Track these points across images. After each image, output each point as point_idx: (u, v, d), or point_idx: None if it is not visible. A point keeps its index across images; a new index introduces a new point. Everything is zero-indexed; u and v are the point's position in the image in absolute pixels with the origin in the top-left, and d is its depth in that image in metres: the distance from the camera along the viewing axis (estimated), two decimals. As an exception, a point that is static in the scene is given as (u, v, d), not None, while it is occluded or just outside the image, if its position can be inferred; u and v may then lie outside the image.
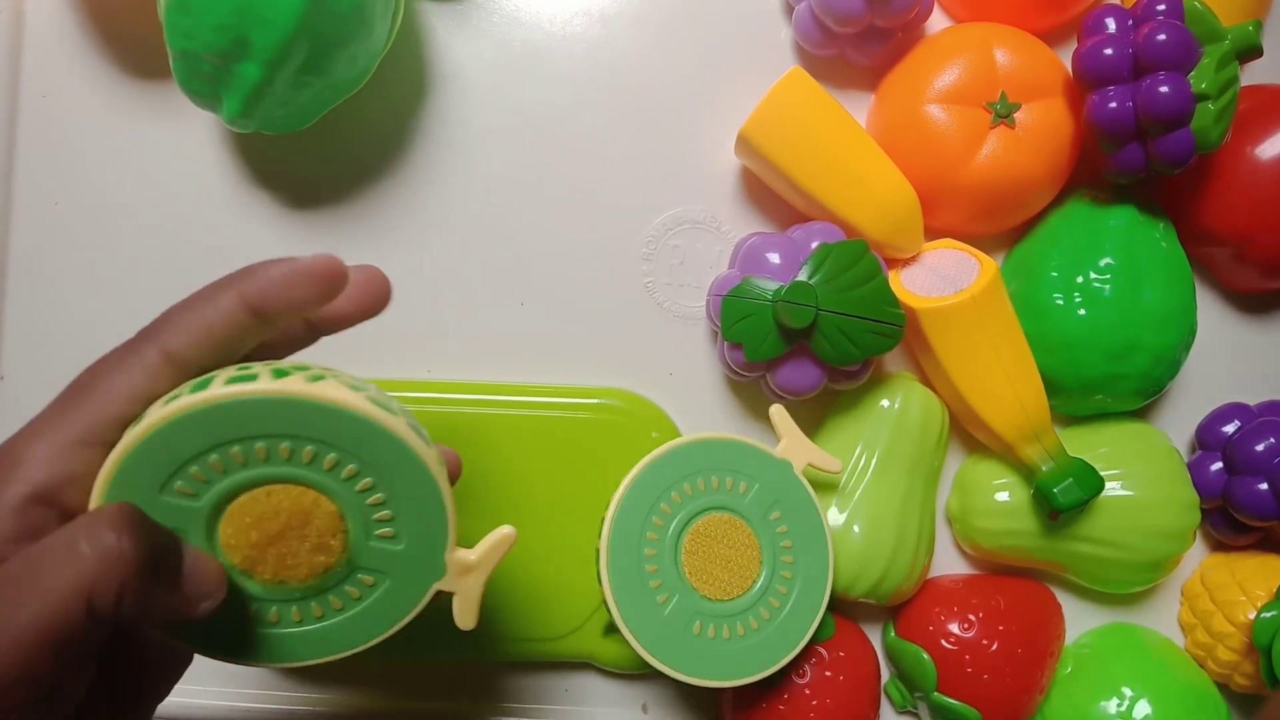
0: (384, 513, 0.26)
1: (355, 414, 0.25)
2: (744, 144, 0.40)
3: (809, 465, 0.38)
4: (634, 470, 0.36)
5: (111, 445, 0.24)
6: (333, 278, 0.26)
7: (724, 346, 0.40)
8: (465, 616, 0.28)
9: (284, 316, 0.25)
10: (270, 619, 0.26)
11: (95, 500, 0.24)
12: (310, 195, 0.44)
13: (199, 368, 0.25)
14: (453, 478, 0.29)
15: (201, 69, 0.36)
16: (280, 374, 0.25)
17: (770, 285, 0.37)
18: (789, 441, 0.37)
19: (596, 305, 0.44)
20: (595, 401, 0.42)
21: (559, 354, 0.44)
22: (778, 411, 0.38)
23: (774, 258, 0.38)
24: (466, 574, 0.27)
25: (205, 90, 0.37)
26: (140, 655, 0.27)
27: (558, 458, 0.41)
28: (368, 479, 0.26)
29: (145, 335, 0.25)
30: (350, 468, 0.25)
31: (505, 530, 0.28)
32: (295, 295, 0.25)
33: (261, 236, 0.43)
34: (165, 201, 0.43)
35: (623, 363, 0.44)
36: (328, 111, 0.39)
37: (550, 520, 0.41)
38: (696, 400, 0.44)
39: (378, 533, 0.26)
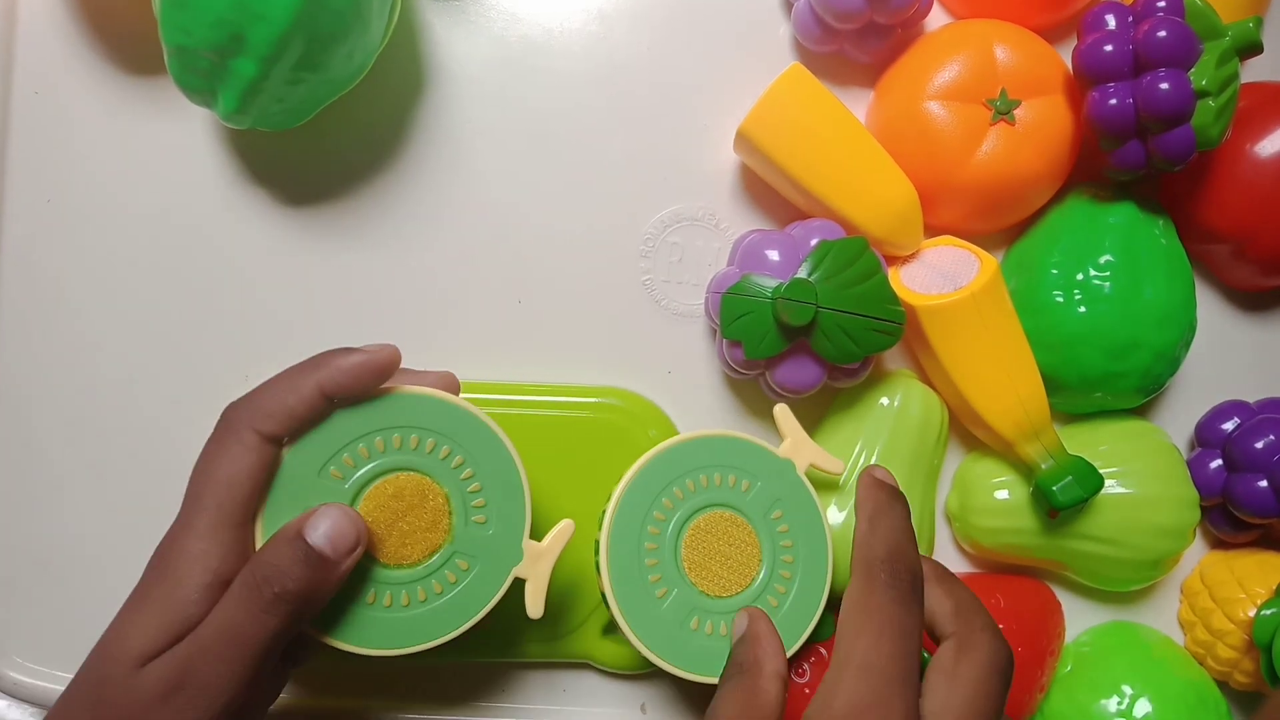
0: (479, 500, 0.33)
1: (463, 410, 0.33)
2: (743, 140, 0.40)
3: (812, 466, 0.37)
4: (636, 464, 0.35)
5: (249, 518, 0.31)
6: (392, 367, 0.32)
7: (723, 344, 0.40)
8: (536, 602, 0.33)
9: (347, 397, 0.32)
10: (385, 603, 0.33)
11: (276, 481, 0.32)
12: (306, 192, 0.43)
13: (283, 438, 0.31)
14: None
15: (197, 65, 0.35)
16: None
17: (769, 282, 0.37)
18: (792, 441, 0.37)
19: (594, 303, 0.44)
20: (593, 400, 0.42)
21: (556, 352, 0.44)
22: (782, 411, 0.37)
23: (773, 255, 0.38)
24: (537, 561, 0.33)
25: (201, 86, 0.36)
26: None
27: (555, 457, 0.41)
28: (469, 469, 0.33)
29: (241, 420, 0.31)
30: (459, 458, 0.33)
31: (566, 523, 0.34)
32: (363, 384, 0.31)
33: (257, 234, 0.43)
34: (160, 199, 0.43)
35: (621, 361, 0.44)
36: (324, 108, 0.39)
37: (548, 520, 0.41)
38: (695, 398, 0.44)
39: (474, 518, 0.33)
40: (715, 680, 0.35)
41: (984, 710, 0.28)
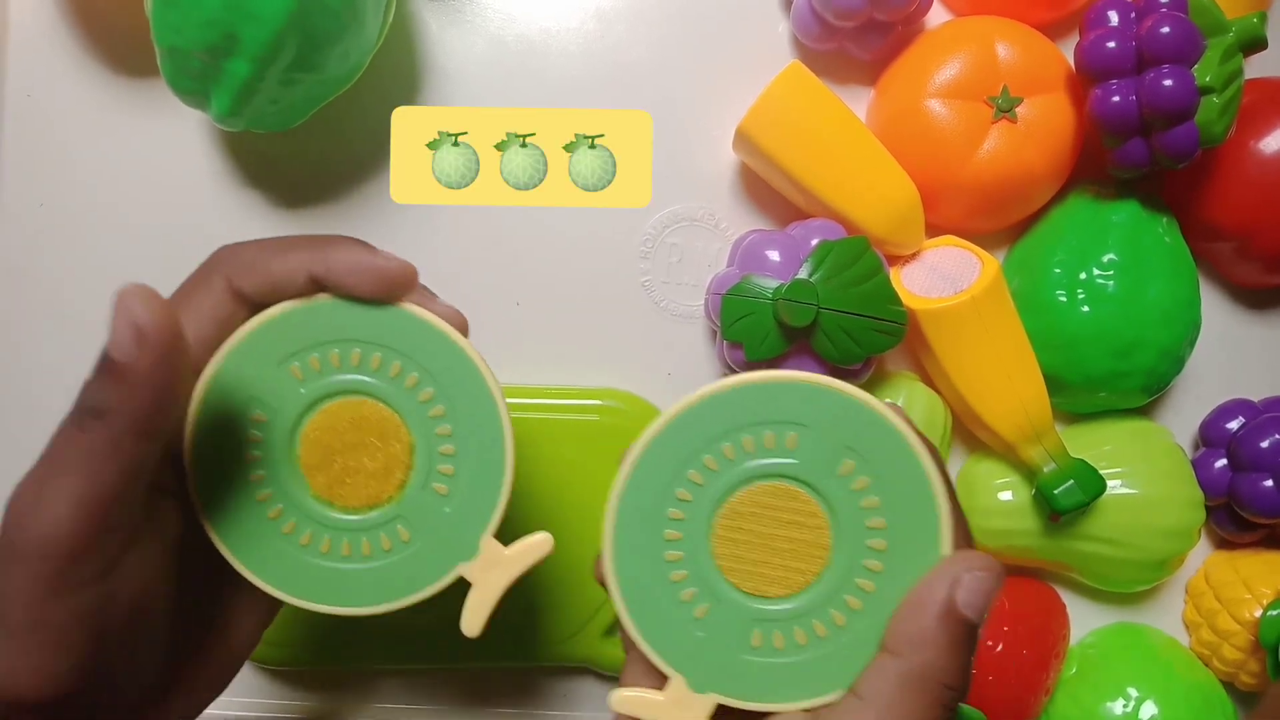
0: (448, 466, 0.27)
1: (470, 361, 0.27)
2: (742, 139, 0.40)
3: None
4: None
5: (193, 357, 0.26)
6: (403, 287, 0.27)
7: (723, 346, 0.39)
8: (475, 616, 0.27)
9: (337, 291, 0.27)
10: (303, 540, 0.27)
11: (225, 350, 0.26)
12: (301, 194, 0.43)
13: (255, 305, 0.27)
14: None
15: (190, 66, 0.35)
16: None
17: (770, 283, 0.37)
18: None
19: (593, 305, 0.43)
20: (592, 403, 0.42)
21: (555, 354, 0.43)
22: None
23: (773, 255, 0.38)
24: (493, 568, 0.27)
25: (194, 88, 0.36)
26: (191, 644, 0.28)
27: (554, 460, 0.41)
28: (448, 425, 0.27)
29: (219, 263, 0.27)
30: (440, 407, 0.27)
31: (543, 535, 0.28)
32: (357, 286, 0.26)
33: (252, 236, 0.42)
34: (154, 201, 0.43)
35: (620, 363, 0.43)
36: (319, 108, 0.39)
37: (547, 524, 0.41)
38: (695, 400, 0.43)
39: (435, 484, 0.27)
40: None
41: None
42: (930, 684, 0.24)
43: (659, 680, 0.26)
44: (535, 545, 0.27)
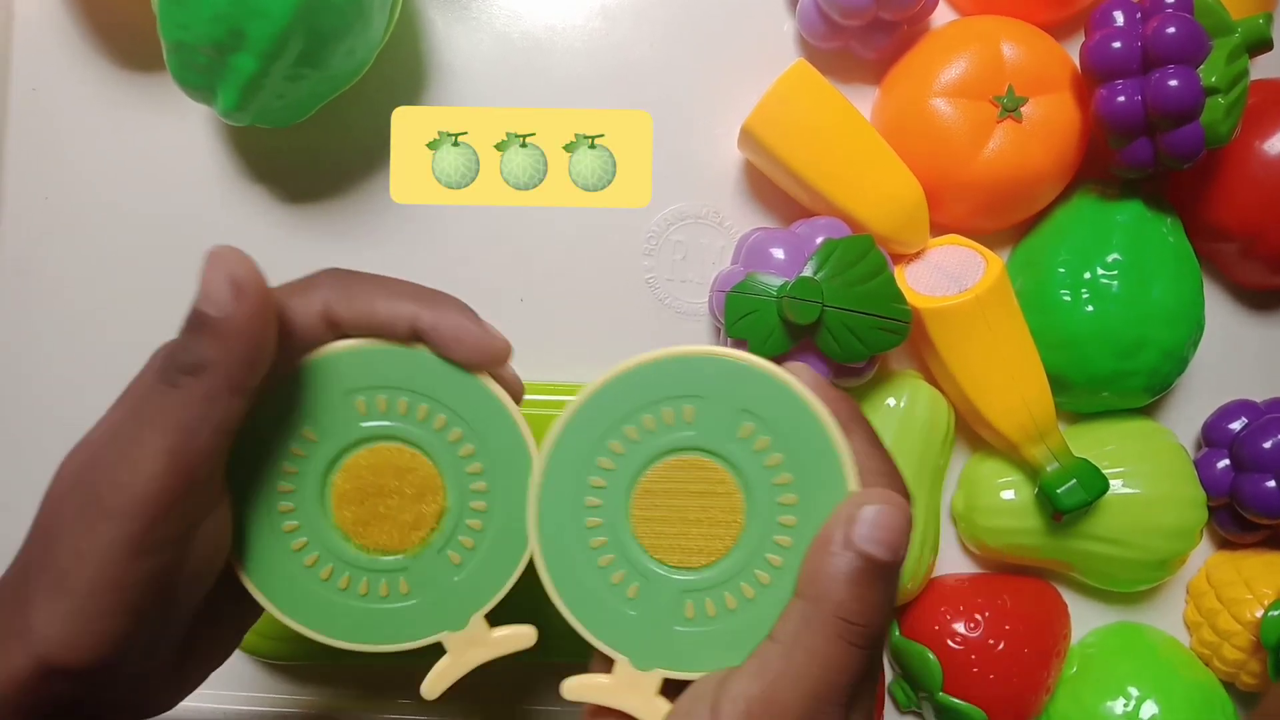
0: (469, 539, 0.27)
1: (525, 448, 0.27)
2: (747, 138, 0.40)
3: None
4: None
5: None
6: (494, 363, 0.27)
7: (727, 343, 0.39)
8: (439, 682, 0.28)
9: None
10: (307, 561, 0.27)
11: (304, 361, 0.26)
12: (306, 189, 0.43)
13: (341, 333, 0.26)
14: None
15: (196, 61, 0.35)
16: None
17: (775, 281, 0.37)
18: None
19: (597, 302, 0.43)
20: (596, 399, 0.42)
21: (559, 351, 0.43)
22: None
23: (778, 253, 0.38)
24: (474, 646, 0.28)
25: (200, 83, 0.36)
26: (210, 614, 0.28)
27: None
28: (484, 502, 0.27)
29: (319, 285, 0.26)
30: (483, 483, 0.27)
31: (527, 630, 0.28)
32: (457, 352, 0.26)
33: (257, 231, 0.43)
34: (159, 196, 0.43)
35: (623, 360, 0.43)
36: (324, 104, 0.39)
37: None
38: (699, 398, 0.44)
39: (450, 552, 0.28)
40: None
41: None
42: (830, 619, 0.24)
43: (610, 665, 0.27)
44: (519, 636, 0.28)
